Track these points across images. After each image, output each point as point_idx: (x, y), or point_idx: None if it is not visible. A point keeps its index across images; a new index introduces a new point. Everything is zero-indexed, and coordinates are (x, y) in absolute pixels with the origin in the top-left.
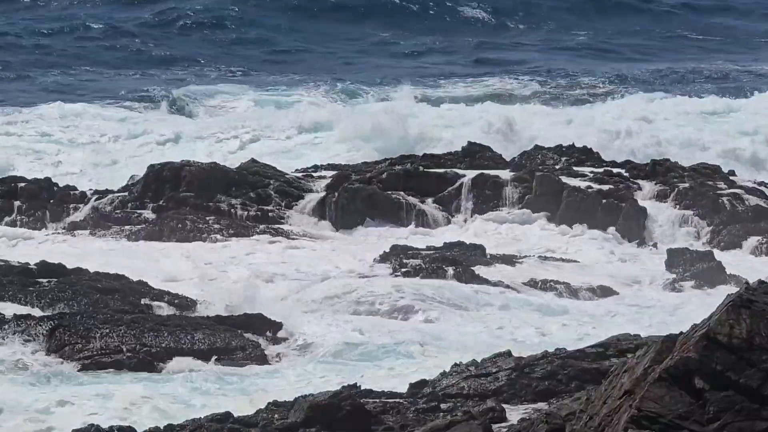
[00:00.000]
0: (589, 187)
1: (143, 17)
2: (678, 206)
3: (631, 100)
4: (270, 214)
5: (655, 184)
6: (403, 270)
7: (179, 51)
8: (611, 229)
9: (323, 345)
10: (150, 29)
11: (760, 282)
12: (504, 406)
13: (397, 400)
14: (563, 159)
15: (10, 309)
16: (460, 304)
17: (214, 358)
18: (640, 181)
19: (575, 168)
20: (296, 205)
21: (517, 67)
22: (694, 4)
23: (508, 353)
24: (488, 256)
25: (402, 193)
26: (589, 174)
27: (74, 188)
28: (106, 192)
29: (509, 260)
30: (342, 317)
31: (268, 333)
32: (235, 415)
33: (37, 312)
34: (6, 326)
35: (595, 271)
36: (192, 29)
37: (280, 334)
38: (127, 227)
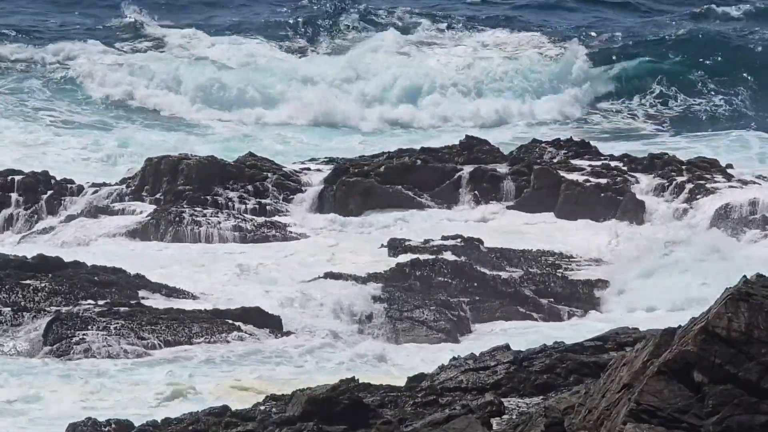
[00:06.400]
0: (587, 180)
1: None
2: (676, 199)
3: None
4: (268, 207)
5: (653, 177)
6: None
7: None
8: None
9: (320, 339)
10: None
11: (758, 275)
12: (502, 399)
13: (396, 393)
14: (561, 152)
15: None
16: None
17: None
18: (637, 175)
19: (573, 161)
20: (294, 198)
21: None
22: None
23: (507, 346)
24: (486, 250)
25: (400, 187)
26: (587, 167)
27: (71, 181)
28: (103, 185)
29: (507, 253)
30: (339, 313)
31: (265, 327)
32: (233, 408)
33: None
34: (3, 319)
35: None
36: None
37: (278, 327)
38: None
